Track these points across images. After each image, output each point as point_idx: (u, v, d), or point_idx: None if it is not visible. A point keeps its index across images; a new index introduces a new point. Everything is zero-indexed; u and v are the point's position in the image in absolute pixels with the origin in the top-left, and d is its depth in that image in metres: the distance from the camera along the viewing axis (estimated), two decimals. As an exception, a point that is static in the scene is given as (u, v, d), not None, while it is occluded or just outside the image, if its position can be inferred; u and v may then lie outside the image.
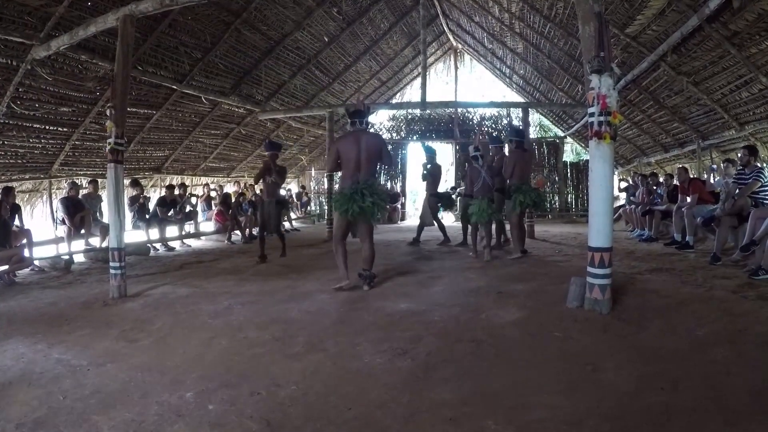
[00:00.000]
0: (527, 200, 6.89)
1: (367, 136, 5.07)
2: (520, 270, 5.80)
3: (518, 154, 7.21)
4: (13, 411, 2.39)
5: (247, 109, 11.56)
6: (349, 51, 12.44)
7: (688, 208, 6.92)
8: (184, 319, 4.01)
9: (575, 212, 15.81)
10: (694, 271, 5.16)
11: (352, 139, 4.98)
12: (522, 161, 7.17)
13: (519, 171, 7.06)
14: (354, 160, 4.91)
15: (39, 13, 6.15)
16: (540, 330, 3.48)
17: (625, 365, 2.80)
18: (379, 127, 17.43)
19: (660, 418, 2.19)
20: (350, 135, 5.07)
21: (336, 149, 5.06)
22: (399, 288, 5.02)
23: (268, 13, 9.34)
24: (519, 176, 7.06)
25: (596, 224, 3.80)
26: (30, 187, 8.77)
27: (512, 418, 2.24)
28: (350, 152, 4.92)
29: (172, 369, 2.92)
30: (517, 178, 7.05)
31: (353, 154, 4.91)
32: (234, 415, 2.33)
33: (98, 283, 5.64)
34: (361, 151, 4.92)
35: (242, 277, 5.78)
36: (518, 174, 7.05)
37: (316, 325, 3.76)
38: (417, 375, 2.78)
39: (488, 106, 14.83)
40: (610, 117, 3.67)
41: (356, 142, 4.94)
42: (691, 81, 8.08)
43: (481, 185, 6.87)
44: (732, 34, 6.49)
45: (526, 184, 7.12)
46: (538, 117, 17.73)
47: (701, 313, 3.62)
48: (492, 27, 12.35)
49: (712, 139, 9.40)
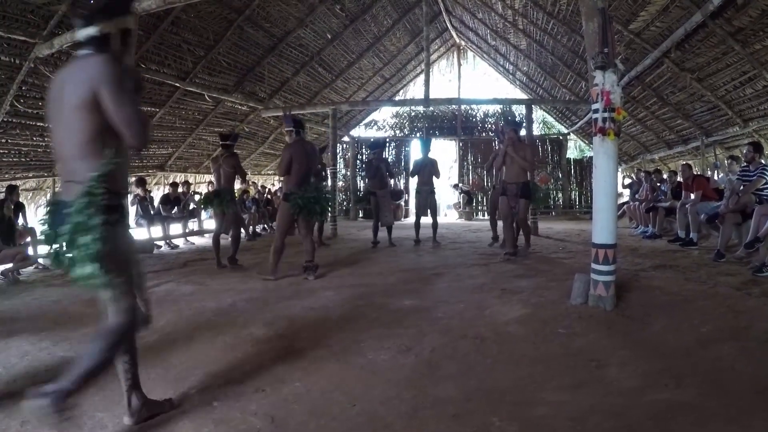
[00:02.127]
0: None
1: (308, 144, 5.73)
2: (524, 267, 5.79)
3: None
4: (17, 408, 2.40)
5: (251, 107, 11.57)
6: (352, 48, 12.43)
7: (692, 205, 6.90)
8: (189, 316, 4.02)
9: (579, 209, 15.79)
10: (698, 268, 5.15)
11: (300, 146, 5.52)
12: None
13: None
14: (302, 166, 5.41)
15: (42, 11, 6.17)
16: (544, 327, 3.47)
17: (628, 362, 2.79)
18: (382, 124, 17.45)
19: (664, 414, 2.19)
20: (297, 143, 5.57)
21: (289, 155, 5.44)
22: (403, 285, 5.02)
23: (271, 10, 9.34)
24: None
25: (600, 221, 3.80)
26: (34, 185, 8.81)
27: (516, 415, 2.24)
28: (299, 158, 5.41)
29: (176, 366, 2.93)
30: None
31: (302, 160, 5.41)
32: (238, 411, 2.33)
33: (102, 280, 5.64)
34: (308, 158, 5.49)
35: (246, 274, 5.79)
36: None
37: (320, 322, 3.77)
38: (421, 371, 2.78)
39: (492, 102, 14.82)
40: (613, 113, 3.66)
41: (303, 150, 5.49)
42: (695, 77, 8.05)
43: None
44: (736, 30, 6.47)
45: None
46: (541, 114, 17.68)
47: (705, 310, 3.62)
48: (495, 24, 12.32)
49: (716, 136, 9.37)
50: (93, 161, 1.96)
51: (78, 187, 1.92)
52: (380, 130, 17.42)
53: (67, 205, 1.92)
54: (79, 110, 1.94)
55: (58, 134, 2.06)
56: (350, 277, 5.55)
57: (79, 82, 1.95)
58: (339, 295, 4.64)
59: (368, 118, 17.63)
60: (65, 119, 1.99)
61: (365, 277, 5.52)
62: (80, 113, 1.94)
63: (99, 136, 1.98)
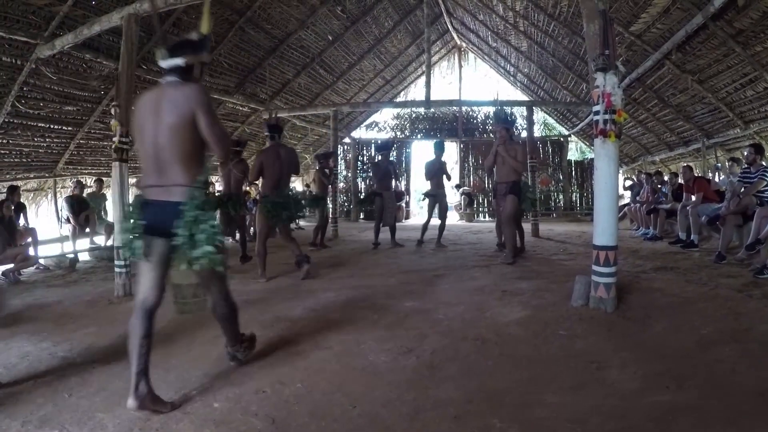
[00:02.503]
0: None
1: (283, 149, 5.62)
2: (525, 269, 5.79)
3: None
4: (18, 409, 2.41)
5: (252, 108, 11.57)
6: (353, 50, 12.43)
7: (693, 207, 6.90)
8: (189, 318, 4.01)
9: (580, 211, 15.78)
10: (698, 270, 5.15)
11: (272, 151, 5.52)
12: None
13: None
14: (274, 170, 5.43)
15: (43, 12, 6.18)
16: (544, 328, 3.47)
17: (629, 364, 2.79)
18: (383, 126, 17.45)
19: (665, 416, 2.19)
20: (270, 148, 5.61)
21: (260, 161, 5.51)
22: (404, 286, 5.02)
23: (272, 12, 9.35)
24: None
25: (601, 222, 3.79)
26: (35, 185, 8.81)
27: (517, 417, 2.24)
28: (270, 163, 5.43)
29: (177, 367, 2.94)
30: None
31: (274, 165, 5.43)
32: (239, 413, 2.34)
33: (103, 281, 5.66)
34: (281, 164, 5.45)
35: (247, 276, 5.80)
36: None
37: (321, 323, 3.77)
38: (422, 373, 2.78)
39: (492, 104, 14.79)
40: (614, 115, 3.67)
41: (276, 155, 5.47)
42: (696, 79, 8.05)
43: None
44: (737, 32, 6.46)
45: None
46: (542, 115, 17.69)
47: (706, 312, 3.62)
48: (496, 25, 12.32)
49: (716, 138, 9.36)
50: (196, 168, 2.46)
51: (184, 189, 2.39)
52: (381, 131, 17.44)
53: (173, 204, 2.38)
54: (182, 128, 2.40)
55: (155, 147, 2.43)
56: (351, 278, 5.55)
57: (179, 105, 2.40)
58: (340, 296, 4.64)
59: (369, 120, 17.65)
60: (168, 135, 2.41)
61: (366, 278, 5.52)
62: (183, 131, 2.40)
63: (198, 148, 2.47)
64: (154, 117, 2.43)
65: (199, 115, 2.39)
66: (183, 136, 2.40)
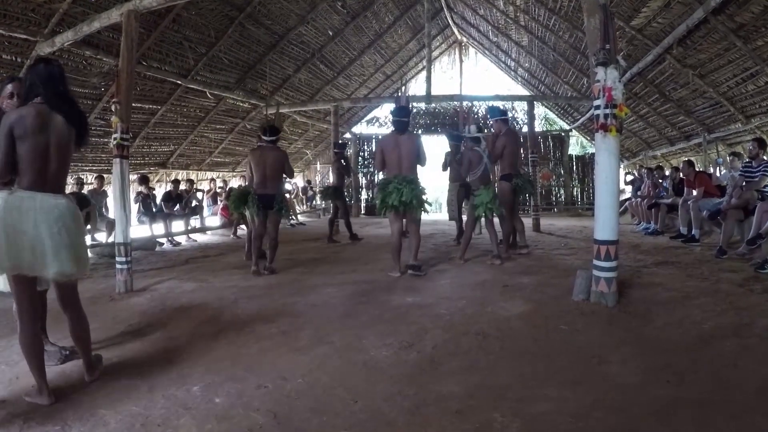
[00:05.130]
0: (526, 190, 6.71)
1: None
2: (526, 263, 5.79)
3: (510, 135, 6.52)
4: (21, 405, 2.41)
5: (252, 104, 11.56)
6: (353, 45, 12.42)
7: (694, 202, 6.89)
8: (191, 314, 4.03)
9: (581, 205, 15.77)
10: (700, 265, 5.15)
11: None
12: (513, 144, 6.44)
13: (509, 156, 6.39)
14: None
15: (43, 9, 6.17)
16: (546, 323, 3.48)
17: (630, 358, 2.79)
18: (384, 121, 17.42)
19: (666, 411, 2.19)
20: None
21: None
22: (405, 281, 5.03)
23: (272, 8, 9.33)
24: (510, 163, 6.43)
25: (602, 217, 3.79)
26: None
27: (518, 411, 2.24)
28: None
29: (179, 362, 2.94)
30: (508, 165, 6.44)
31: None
32: (241, 408, 2.34)
33: (104, 278, 5.66)
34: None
35: (248, 272, 5.80)
36: (509, 160, 6.41)
37: (323, 319, 3.77)
38: (423, 368, 2.79)
39: (493, 99, 14.78)
40: (615, 109, 3.66)
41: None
42: (697, 74, 8.03)
43: (482, 172, 5.90)
44: (738, 26, 6.45)
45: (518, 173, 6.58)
46: (543, 110, 17.66)
47: (707, 307, 3.62)
48: (497, 20, 12.30)
49: (717, 132, 9.35)
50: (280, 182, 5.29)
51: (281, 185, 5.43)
52: (382, 126, 17.40)
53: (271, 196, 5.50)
54: (282, 164, 5.71)
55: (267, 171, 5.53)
56: (352, 273, 5.55)
57: (280, 159, 5.75)
58: (341, 291, 4.64)
59: (370, 115, 17.64)
60: (275, 166, 5.64)
61: (367, 273, 5.53)
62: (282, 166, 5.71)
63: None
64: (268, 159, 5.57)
65: (286, 164, 5.26)
66: (282, 168, 5.68)
